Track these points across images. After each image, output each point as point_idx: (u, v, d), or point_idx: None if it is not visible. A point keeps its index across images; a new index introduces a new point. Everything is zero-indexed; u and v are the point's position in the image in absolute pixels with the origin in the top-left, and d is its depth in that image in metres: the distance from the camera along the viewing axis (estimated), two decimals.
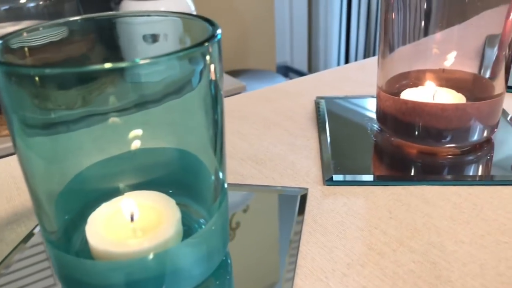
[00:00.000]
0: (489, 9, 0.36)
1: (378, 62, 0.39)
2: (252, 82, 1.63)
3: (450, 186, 0.34)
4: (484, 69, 0.38)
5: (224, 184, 0.26)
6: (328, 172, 0.35)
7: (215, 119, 0.24)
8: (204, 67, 0.23)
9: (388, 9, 0.37)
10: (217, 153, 0.25)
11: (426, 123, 0.36)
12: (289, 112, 0.46)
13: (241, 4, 1.73)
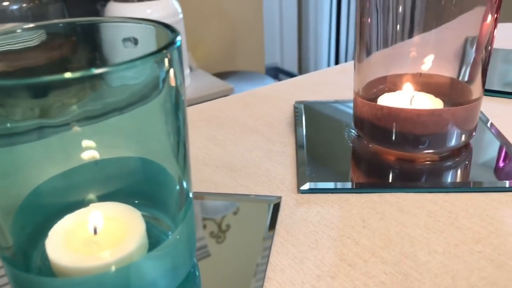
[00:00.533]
0: (466, 13, 0.35)
1: (355, 66, 0.39)
2: (240, 84, 1.63)
3: (426, 193, 0.33)
4: (461, 73, 0.37)
5: (189, 194, 0.26)
6: (302, 180, 0.34)
7: (176, 127, 0.24)
8: (163, 74, 0.22)
9: (363, 12, 0.36)
10: (180, 161, 0.24)
11: (402, 129, 0.36)
12: (267, 117, 0.45)
13: (230, 6, 1.72)
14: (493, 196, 0.32)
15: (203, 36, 1.70)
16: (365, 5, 0.36)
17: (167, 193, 0.26)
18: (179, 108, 0.23)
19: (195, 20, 1.65)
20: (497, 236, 0.29)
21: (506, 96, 0.47)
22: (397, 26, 0.36)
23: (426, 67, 0.38)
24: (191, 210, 0.26)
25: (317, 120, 0.44)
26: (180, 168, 0.25)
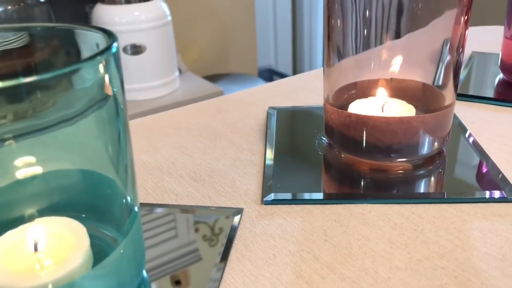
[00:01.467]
0: (438, 17, 0.34)
1: (324, 71, 0.37)
2: (231, 87, 1.62)
3: (393, 204, 0.32)
4: (433, 77, 0.36)
5: (134, 207, 0.24)
6: (267, 191, 0.33)
7: (115, 137, 0.22)
8: (99, 82, 0.21)
9: (331, 14, 0.35)
10: (121, 173, 0.23)
11: (371, 137, 0.35)
12: (239, 124, 0.44)
13: (221, 8, 1.71)
14: (463, 207, 0.31)
15: (194, 38, 1.69)
16: (333, 6, 0.35)
17: (111, 205, 0.25)
18: (118, 117, 0.22)
19: (186, 22, 1.64)
20: (463, 251, 0.28)
21: (483, 102, 0.46)
22: (367, 29, 0.35)
23: (398, 72, 0.37)
24: (137, 224, 0.24)
25: (289, 127, 0.43)
26: (121, 180, 0.23)
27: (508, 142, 0.39)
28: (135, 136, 0.42)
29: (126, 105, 0.23)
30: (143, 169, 0.37)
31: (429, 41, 0.35)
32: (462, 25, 0.34)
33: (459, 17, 0.33)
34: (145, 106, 1.25)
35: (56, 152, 0.24)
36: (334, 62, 0.37)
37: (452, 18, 0.34)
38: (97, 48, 0.24)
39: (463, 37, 0.34)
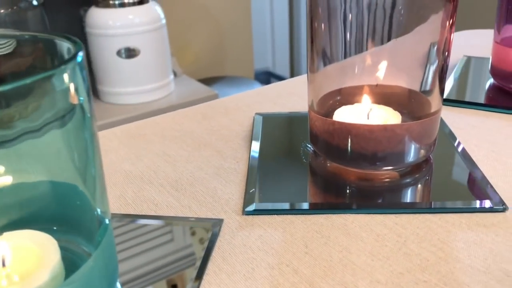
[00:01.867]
0: (424, 22, 0.34)
1: (308, 77, 0.37)
2: (227, 90, 1.61)
3: (376, 214, 0.31)
4: (419, 83, 0.36)
5: (105, 219, 0.24)
6: (249, 200, 0.33)
7: (82, 147, 0.22)
8: (63, 91, 0.20)
9: (314, 17, 0.34)
10: (89, 185, 0.23)
11: (355, 145, 0.34)
12: (224, 131, 0.43)
13: (217, 11, 1.71)
14: (448, 217, 0.31)
15: (190, 41, 1.68)
16: (316, 9, 0.34)
17: (82, 217, 0.25)
18: (85, 127, 0.22)
19: (182, 25, 1.64)
20: (446, 263, 0.27)
21: (473, 107, 0.45)
22: (351, 34, 0.34)
23: (384, 78, 0.36)
24: (109, 236, 0.24)
25: (275, 134, 0.42)
26: (90, 192, 0.23)
27: (496, 149, 0.38)
28: (118, 143, 0.41)
29: (94, 114, 0.22)
30: (124, 178, 0.36)
31: (415, 46, 0.35)
32: (447, 30, 0.33)
33: (444, 21, 0.33)
34: (140, 109, 1.24)
35: (24, 164, 0.23)
36: (318, 67, 0.36)
37: (438, 22, 0.33)
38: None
39: (448, 42, 0.34)
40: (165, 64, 1.29)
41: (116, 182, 0.36)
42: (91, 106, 0.22)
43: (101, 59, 1.24)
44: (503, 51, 0.46)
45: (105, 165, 0.38)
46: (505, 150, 0.38)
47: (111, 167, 0.38)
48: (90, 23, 1.22)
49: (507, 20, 0.47)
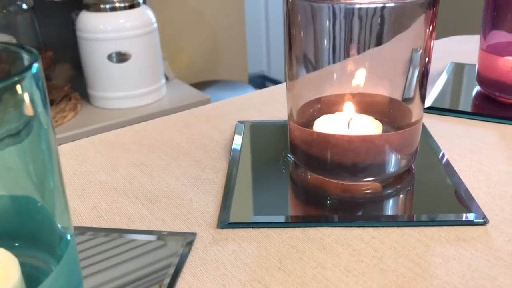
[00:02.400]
0: (404, 29, 0.33)
1: (286, 85, 0.36)
2: (220, 94, 1.60)
3: (354, 228, 0.30)
4: (400, 91, 0.35)
5: (66, 234, 0.23)
6: (224, 213, 0.32)
7: (40, 160, 0.21)
8: (18, 103, 0.19)
9: (292, 23, 0.33)
10: (47, 199, 0.22)
11: (334, 156, 0.33)
12: (204, 140, 0.42)
13: (211, 14, 1.70)
14: (427, 231, 0.30)
15: (183, 44, 1.67)
16: (294, 17, 0.33)
17: (44, 233, 0.24)
18: (42, 139, 0.21)
19: (175, 29, 1.63)
20: (423, 280, 0.26)
21: (458, 115, 0.45)
22: (330, 42, 0.33)
23: (365, 86, 0.36)
24: (71, 251, 0.23)
25: (256, 142, 0.41)
26: (49, 206, 0.22)
27: (479, 159, 0.37)
28: (95, 153, 0.40)
29: (52, 126, 0.21)
30: (98, 189, 0.35)
31: (395, 53, 0.34)
32: (427, 36, 0.32)
33: (424, 28, 0.32)
34: (131, 114, 1.23)
35: None
36: (296, 75, 0.35)
37: (418, 29, 0.32)
38: None
39: (429, 49, 0.33)
40: (156, 68, 1.28)
41: (90, 193, 0.35)
42: (48, 117, 0.21)
43: (92, 64, 1.23)
44: (489, 58, 0.46)
45: (80, 175, 0.37)
46: (487, 160, 0.37)
47: (86, 178, 0.37)
48: (80, 27, 1.21)
49: (494, 25, 0.46)
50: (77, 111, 1.24)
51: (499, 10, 0.46)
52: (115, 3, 1.21)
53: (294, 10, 0.33)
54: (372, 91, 0.36)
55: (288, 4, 0.33)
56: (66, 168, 0.39)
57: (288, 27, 0.34)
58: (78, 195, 0.35)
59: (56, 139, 0.22)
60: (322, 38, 0.33)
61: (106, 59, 1.21)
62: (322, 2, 0.32)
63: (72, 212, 0.33)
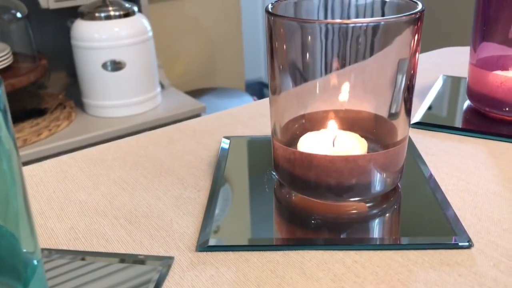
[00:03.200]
0: (389, 44, 0.32)
1: (269, 101, 0.35)
2: (217, 102, 1.60)
3: (336, 251, 0.30)
4: (386, 106, 0.34)
5: (33, 259, 0.22)
6: (203, 236, 0.31)
7: (1, 183, 0.20)
8: None
9: (274, 35, 0.32)
10: (10, 223, 0.21)
11: (318, 176, 0.32)
12: (188, 156, 0.41)
13: (208, 22, 1.70)
14: (410, 255, 0.29)
15: (180, 52, 1.67)
16: (278, 30, 0.32)
17: (6, 258, 0.23)
18: (3, 160, 0.20)
19: (171, 36, 1.62)
20: None
21: (447, 131, 0.44)
22: (313, 57, 0.33)
23: (350, 102, 0.35)
24: (38, 277, 0.22)
25: (241, 159, 0.41)
26: (13, 230, 0.21)
27: (467, 178, 0.36)
28: (76, 170, 0.40)
29: (15, 147, 0.21)
30: (77, 209, 0.35)
31: (380, 69, 0.33)
32: (412, 51, 0.32)
33: (409, 43, 0.31)
34: (126, 122, 1.23)
35: None
36: (279, 89, 0.34)
37: (402, 45, 0.31)
38: None
39: (413, 65, 0.32)
40: (151, 76, 1.28)
41: (68, 213, 0.34)
42: (11, 137, 0.20)
43: (86, 72, 1.22)
44: (479, 72, 0.45)
45: (60, 193, 0.37)
46: (475, 179, 0.36)
47: (66, 196, 0.36)
48: (75, 35, 1.21)
49: (483, 37, 0.46)
50: (72, 119, 1.23)
51: (489, 22, 0.45)
52: (110, 12, 1.21)
53: (277, 23, 0.32)
54: (358, 107, 0.36)
55: (270, 21, 0.32)
56: (47, 186, 0.38)
57: (270, 39, 0.33)
58: (56, 215, 0.34)
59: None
60: (304, 54, 0.32)
61: (101, 67, 1.21)
62: (304, 22, 0.31)
63: (49, 233, 0.32)
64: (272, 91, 0.34)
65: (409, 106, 0.34)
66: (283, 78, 0.34)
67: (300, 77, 0.34)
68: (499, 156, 0.39)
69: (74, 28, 1.22)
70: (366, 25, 0.30)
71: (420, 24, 0.31)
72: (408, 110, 0.34)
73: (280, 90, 0.34)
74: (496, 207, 0.33)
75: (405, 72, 0.32)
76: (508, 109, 0.44)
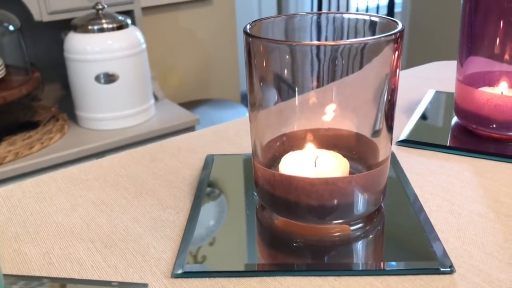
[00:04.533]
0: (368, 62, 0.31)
1: (249, 119, 0.34)
2: (210, 113, 1.59)
3: (314, 277, 0.29)
4: (368, 125, 0.34)
5: None
6: (179, 261, 0.30)
7: None
8: None
9: (251, 51, 0.32)
10: None
11: (297, 198, 0.32)
12: (170, 175, 0.41)
13: (203, 34, 1.70)
14: (390, 280, 0.28)
15: (174, 64, 1.67)
16: (257, 47, 0.31)
17: None
18: None
19: (166, 48, 1.62)
20: None
21: (434, 149, 0.43)
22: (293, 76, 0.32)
23: (332, 121, 0.34)
24: None
25: (224, 179, 0.40)
26: None
27: (451, 198, 0.36)
28: (56, 190, 0.39)
29: None
30: (54, 232, 0.34)
31: (361, 87, 0.33)
32: (393, 70, 0.31)
33: (389, 61, 0.31)
34: (119, 135, 1.22)
35: None
36: (258, 105, 0.33)
37: (383, 63, 0.31)
38: None
39: (394, 82, 0.32)
40: (145, 88, 1.28)
41: (44, 236, 0.33)
42: None
43: (79, 85, 1.22)
44: (466, 89, 0.44)
45: (37, 215, 0.36)
46: (460, 200, 0.36)
47: (42, 219, 0.35)
48: (68, 48, 1.21)
49: (470, 52, 0.45)
50: (64, 132, 1.23)
51: (475, 36, 0.45)
52: (103, 24, 1.20)
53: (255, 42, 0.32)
54: (339, 125, 0.35)
55: (248, 42, 0.32)
56: (24, 207, 0.37)
57: (247, 55, 0.32)
58: (31, 238, 0.33)
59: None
60: (282, 74, 0.32)
61: (94, 80, 1.20)
62: (283, 44, 0.31)
63: (22, 258, 0.31)
64: (252, 106, 0.34)
65: (391, 123, 0.33)
66: (262, 96, 0.33)
67: (279, 96, 0.33)
68: (484, 175, 0.39)
69: (67, 40, 1.22)
70: (344, 46, 0.30)
71: (400, 42, 0.31)
72: (390, 127, 0.33)
73: (259, 109, 0.33)
74: (480, 229, 0.32)
75: (386, 90, 0.32)
76: (495, 126, 0.43)
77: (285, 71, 0.32)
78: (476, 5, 0.44)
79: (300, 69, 0.32)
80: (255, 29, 0.33)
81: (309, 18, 0.37)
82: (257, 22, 0.34)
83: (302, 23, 0.37)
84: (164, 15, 1.60)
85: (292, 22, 0.37)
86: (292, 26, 0.37)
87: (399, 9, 2.20)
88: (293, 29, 0.37)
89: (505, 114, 0.42)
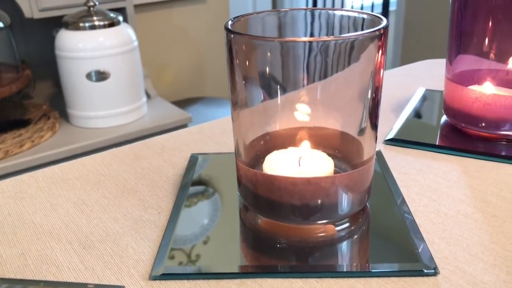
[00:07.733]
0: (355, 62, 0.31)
1: (232, 117, 0.34)
2: (203, 111, 1.58)
3: (296, 279, 0.28)
4: (352, 123, 0.33)
5: None
6: (158, 262, 0.29)
7: None
8: None
9: (233, 48, 0.31)
10: None
11: (280, 198, 0.31)
12: (153, 175, 0.40)
13: (196, 31, 1.69)
14: (372, 283, 0.28)
15: (167, 61, 1.66)
16: (239, 46, 0.31)
17: None
18: None
19: (159, 46, 1.61)
20: None
21: (422, 148, 0.43)
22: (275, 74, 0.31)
23: (317, 119, 0.34)
24: None
25: (208, 179, 0.39)
26: None
27: (438, 198, 0.35)
28: (36, 190, 0.38)
29: None
30: (31, 233, 0.33)
31: (346, 85, 0.32)
32: (377, 68, 0.30)
33: (373, 59, 0.30)
34: (111, 133, 1.21)
35: None
36: (240, 108, 0.33)
37: (367, 60, 0.30)
38: None
39: (378, 80, 0.31)
40: (137, 86, 1.26)
41: (21, 237, 0.33)
42: None
43: (70, 82, 1.21)
44: (454, 88, 0.44)
45: (15, 216, 0.35)
46: (446, 200, 0.35)
47: (20, 219, 0.35)
48: (59, 45, 1.19)
49: (459, 50, 0.45)
50: (55, 130, 1.21)
51: (464, 34, 0.44)
52: (95, 22, 1.19)
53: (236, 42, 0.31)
54: (324, 124, 0.34)
55: (230, 38, 0.31)
56: (2, 208, 0.36)
57: (229, 54, 0.32)
58: (8, 239, 0.33)
59: None
60: (264, 71, 0.31)
61: (85, 77, 1.19)
62: (262, 40, 0.30)
63: None
64: (233, 105, 0.33)
65: (375, 121, 0.32)
66: (245, 94, 0.33)
67: (262, 95, 0.32)
68: (472, 175, 0.38)
69: (58, 38, 1.21)
70: (329, 42, 0.29)
71: (384, 39, 0.30)
72: (375, 125, 0.32)
73: (241, 108, 0.33)
74: (465, 230, 0.32)
75: (371, 87, 0.31)
76: (484, 124, 0.43)
77: (267, 69, 0.31)
78: (464, 3, 0.43)
79: (282, 67, 0.31)
80: (238, 25, 0.33)
81: (295, 14, 0.37)
82: (240, 18, 0.33)
83: (287, 20, 0.36)
84: (157, 13, 1.59)
85: (277, 18, 0.36)
86: (277, 23, 0.36)
87: (394, 8, 2.20)
88: (278, 26, 0.36)
89: (494, 112, 0.42)
